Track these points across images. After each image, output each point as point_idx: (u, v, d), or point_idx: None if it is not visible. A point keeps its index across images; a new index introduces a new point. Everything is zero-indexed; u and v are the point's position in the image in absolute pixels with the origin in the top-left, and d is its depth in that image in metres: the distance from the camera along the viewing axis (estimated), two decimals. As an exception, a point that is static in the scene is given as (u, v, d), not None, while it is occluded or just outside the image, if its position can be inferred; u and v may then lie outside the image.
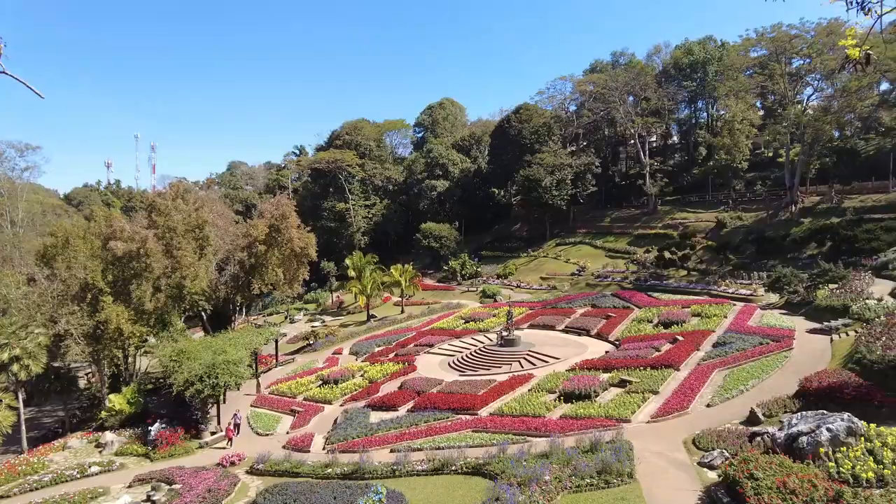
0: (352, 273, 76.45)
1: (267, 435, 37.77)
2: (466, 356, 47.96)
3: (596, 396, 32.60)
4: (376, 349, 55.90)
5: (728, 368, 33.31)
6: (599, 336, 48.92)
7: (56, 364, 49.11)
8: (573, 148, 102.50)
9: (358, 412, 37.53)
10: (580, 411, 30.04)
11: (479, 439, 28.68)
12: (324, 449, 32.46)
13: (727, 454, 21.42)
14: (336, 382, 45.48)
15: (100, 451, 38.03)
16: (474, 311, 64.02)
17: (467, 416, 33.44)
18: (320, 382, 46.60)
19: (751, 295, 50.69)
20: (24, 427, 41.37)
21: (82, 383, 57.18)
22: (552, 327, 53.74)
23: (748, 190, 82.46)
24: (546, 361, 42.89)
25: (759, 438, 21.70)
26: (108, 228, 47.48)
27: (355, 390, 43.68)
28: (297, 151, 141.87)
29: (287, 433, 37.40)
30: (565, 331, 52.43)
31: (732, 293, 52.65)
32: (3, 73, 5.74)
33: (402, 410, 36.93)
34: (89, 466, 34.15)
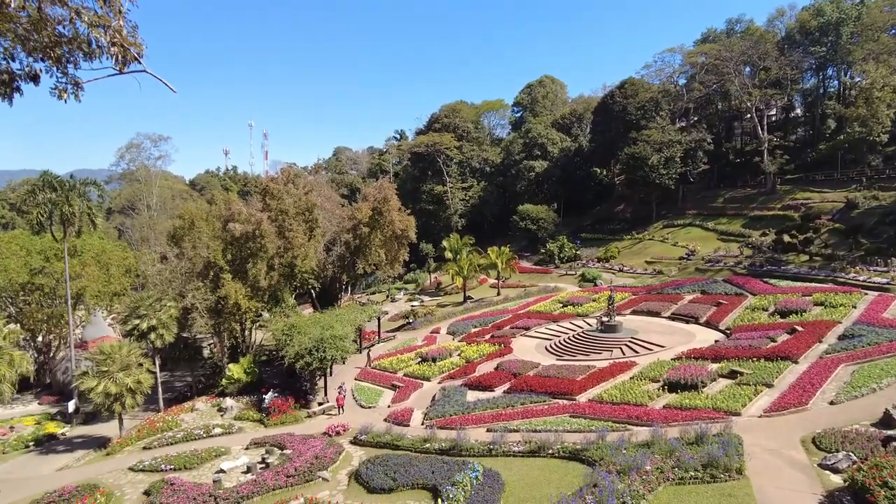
0: (449, 255, 77.68)
1: (369, 407, 39.70)
2: (564, 340, 47.39)
3: (703, 387, 31.06)
4: (473, 330, 56.63)
5: (857, 364, 30.35)
6: (709, 324, 46.35)
7: (185, 335, 54.56)
8: (682, 124, 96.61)
9: (455, 390, 38.43)
10: (685, 402, 28.80)
11: (576, 424, 28.41)
12: (422, 424, 33.62)
13: (854, 457, 19.65)
14: (434, 360, 46.73)
15: (221, 415, 41.89)
16: (573, 295, 62.90)
17: (565, 401, 33.19)
18: (419, 360, 48.09)
19: (888, 283, 45.64)
20: (160, 389, 46.47)
21: (206, 353, 63.11)
22: (657, 314, 51.62)
23: (888, 166, 73.66)
24: (649, 349, 41.39)
25: (895, 443, 19.76)
26: (227, 211, 51.56)
27: (452, 369, 44.68)
28: (398, 136, 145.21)
29: (388, 407, 39.09)
30: (671, 318, 50.16)
31: (864, 281, 47.67)
32: (144, 71, 6.40)
33: (499, 391, 37.32)
34: (213, 428, 37.79)
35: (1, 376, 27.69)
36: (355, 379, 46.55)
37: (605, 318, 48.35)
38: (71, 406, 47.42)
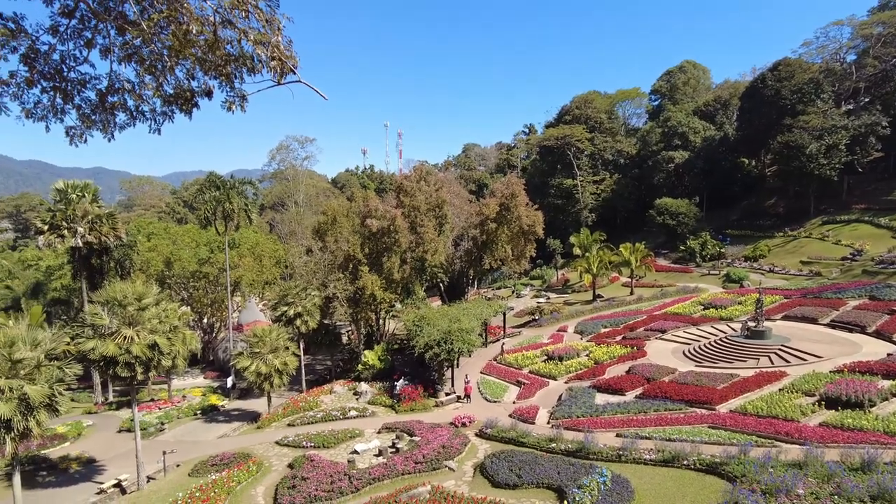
0: (577, 251, 75.73)
1: (494, 402, 39.98)
2: (704, 346, 44.18)
3: (871, 406, 27.34)
4: (602, 330, 54.77)
5: None
6: (879, 334, 40.69)
7: (326, 322, 58.66)
8: (850, 106, 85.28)
9: (583, 391, 37.45)
10: (848, 421, 25.53)
11: (715, 436, 26.39)
12: (548, 423, 33.19)
13: None
14: (561, 359, 45.89)
15: (356, 399, 44.49)
16: (715, 297, 58.40)
17: (703, 411, 30.98)
18: (545, 357, 47.50)
19: None
20: (303, 371, 50.50)
21: (344, 339, 67.44)
22: (813, 320, 46.34)
23: None
24: (803, 359, 37.27)
25: None
26: (365, 208, 54.53)
27: (580, 369, 43.58)
28: (527, 130, 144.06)
29: (513, 403, 39.09)
30: (831, 325, 44.76)
31: None
32: (299, 81, 6.92)
33: (630, 395, 35.76)
34: (349, 410, 40.28)
35: (177, 352, 31.65)
36: (481, 372, 47.09)
37: (751, 323, 44.32)
38: (229, 382, 53.18)
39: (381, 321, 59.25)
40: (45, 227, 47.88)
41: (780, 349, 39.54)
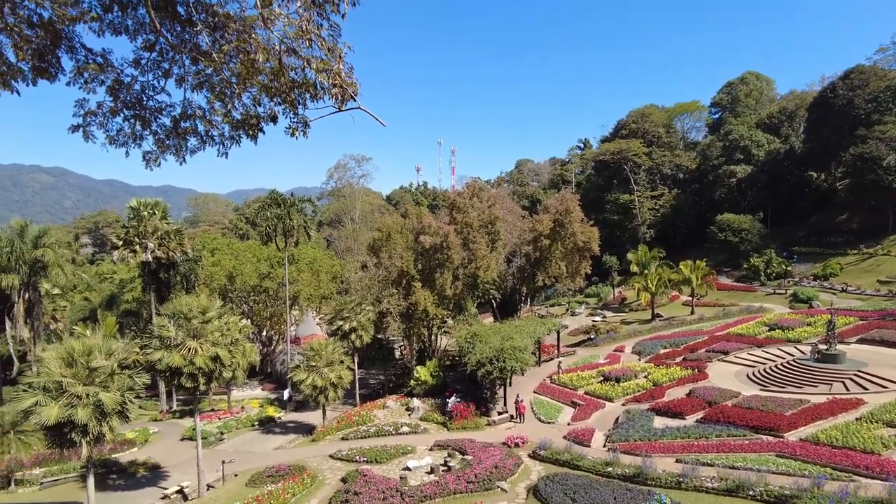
0: (635, 268, 73.90)
1: (548, 423, 39.24)
2: (770, 369, 42.01)
3: (961, 440, 25.25)
4: (661, 350, 53.01)
5: None
6: (969, 361, 37.64)
7: (379, 336, 59.42)
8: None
9: (640, 414, 36.26)
10: (935, 456, 23.66)
11: (784, 466, 24.96)
12: (604, 446, 32.28)
13: None
14: (617, 380, 44.67)
15: (409, 414, 44.65)
16: (782, 318, 55.58)
17: (770, 438, 29.38)
18: (601, 378, 46.35)
19: None
20: (357, 385, 51.16)
21: (397, 354, 67.98)
22: (893, 344, 43.35)
23: None
24: (883, 386, 34.83)
25: None
26: (419, 224, 55.16)
27: (638, 391, 42.26)
28: (581, 145, 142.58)
29: (568, 424, 38.25)
30: (913, 350, 41.74)
31: None
32: (359, 108, 7.14)
33: (690, 420, 34.35)
34: (401, 426, 40.44)
35: (237, 364, 32.76)
36: (534, 392, 46.39)
37: (822, 346, 41.85)
38: (286, 394, 54.49)
39: (433, 337, 59.45)
40: (120, 243, 50.82)
41: (855, 374, 37.12)
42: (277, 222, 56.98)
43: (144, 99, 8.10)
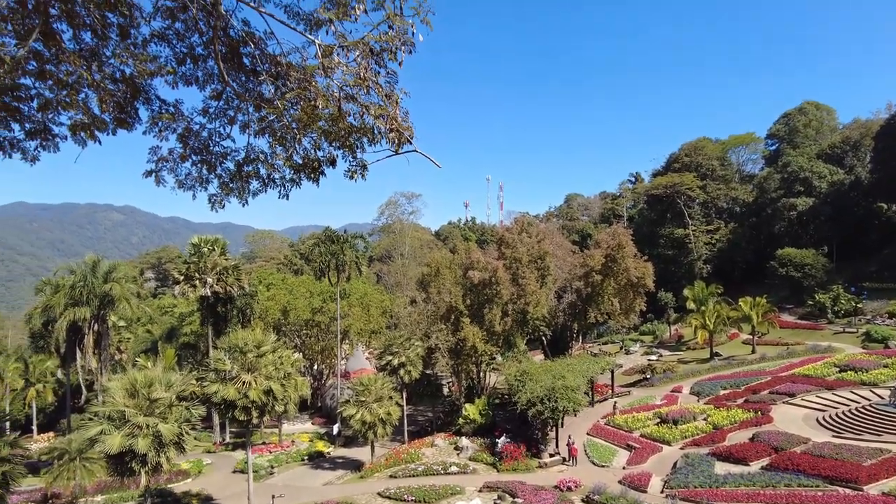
0: (691, 305, 71.45)
1: (602, 466, 37.80)
2: (843, 414, 39.30)
3: None
4: (721, 392, 50.57)
5: None
6: None
7: (428, 372, 59.17)
8: None
9: (700, 459, 34.46)
10: None
11: (864, 522, 23.10)
12: (661, 492, 30.80)
13: None
14: (675, 423, 42.73)
15: (457, 453, 43.90)
16: (853, 358, 52.20)
17: (847, 490, 27.32)
18: (658, 420, 44.46)
19: None
20: (405, 421, 50.81)
21: (445, 391, 67.37)
22: (982, 389, 39.91)
23: None
24: (973, 435, 32.03)
25: None
26: (467, 260, 55.25)
27: (697, 434, 40.27)
28: (633, 179, 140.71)
29: (623, 468, 36.74)
30: None
31: None
32: (415, 150, 7.33)
33: (755, 466, 32.38)
34: (450, 466, 39.79)
35: (289, 398, 33.23)
36: (587, 434, 44.90)
37: (902, 391, 38.97)
38: (335, 429, 54.67)
39: (481, 374, 58.71)
40: (181, 278, 53.06)
41: (941, 422, 34.30)
42: (331, 258, 58.31)
43: (211, 145, 8.57)
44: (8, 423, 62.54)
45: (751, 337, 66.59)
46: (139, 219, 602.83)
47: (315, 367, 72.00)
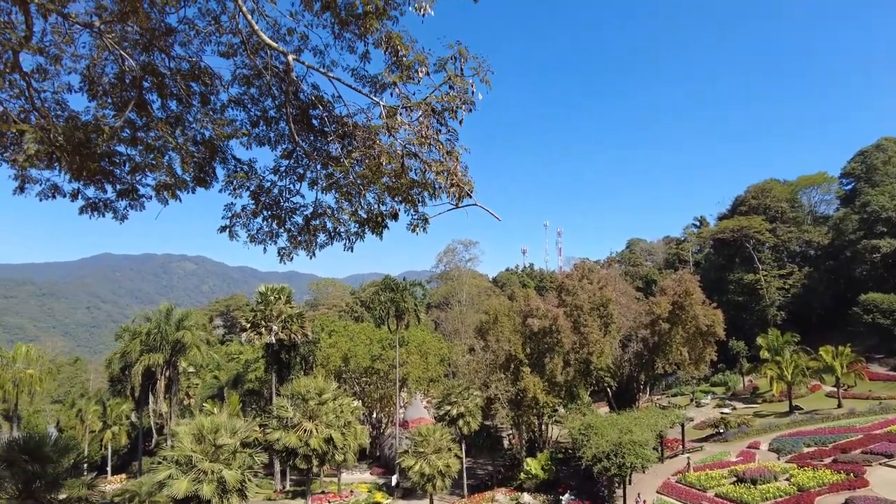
0: (765, 354, 67.31)
1: (676, 528, 35.40)
2: (949, 477, 35.43)
3: None
4: (805, 449, 46.77)
5: None
6: None
7: (487, 423, 57.84)
8: None
9: (786, 525, 31.69)
10: None
11: None
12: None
13: None
14: (754, 482, 39.64)
15: (520, 510, 42.29)
16: (957, 415, 47.38)
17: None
18: (734, 479, 41.41)
19: None
20: (465, 474, 49.57)
21: (505, 443, 65.45)
22: None
23: None
24: None
25: None
26: (526, 307, 54.53)
27: (779, 496, 37.15)
28: (697, 223, 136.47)
29: (698, 531, 34.24)
30: None
31: None
32: (475, 204, 7.48)
33: (850, 535, 29.43)
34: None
35: (348, 446, 33.33)
36: (657, 492, 42.31)
37: None
38: (394, 480, 53.92)
39: (543, 426, 56.86)
40: (248, 326, 54.90)
41: None
42: (390, 306, 59.03)
43: (281, 201, 9.08)
44: (86, 464, 65.43)
45: (835, 389, 61.71)
46: (210, 268, 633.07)
47: (374, 415, 71.92)
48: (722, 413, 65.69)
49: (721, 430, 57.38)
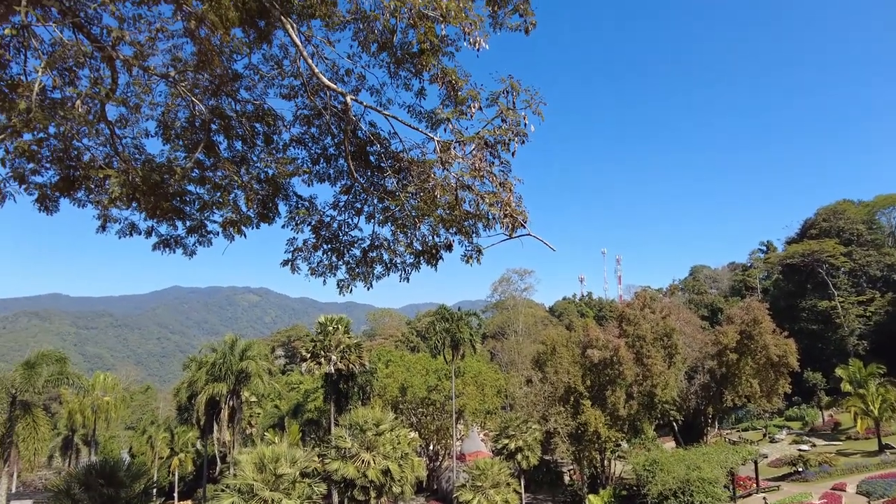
0: (847, 387, 62.85)
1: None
2: None
3: None
4: (899, 492, 42.93)
5: None
6: None
7: (546, 458, 56.27)
8: None
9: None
10: None
11: None
12: None
13: None
14: (841, 528, 36.70)
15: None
16: None
17: None
18: (818, 523, 38.47)
19: None
20: (525, 511, 48.20)
21: (566, 479, 63.33)
22: None
23: None
24: None
25: None
26: (585, 337, 53.25)
27: (871, 544, 34.15)
28: (764, 248, 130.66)
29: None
30: None
31: None
32: (529, 234, 7.48)
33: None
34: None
35: (406, 479, 33.10)
36: (731, 534, 39.77)
37: None
38: (453, 514, 52.97)
39: (605, 462, 54.75)
40: (308, 356, 56.04)
41: None
42: (446, 336, 59.03)
43: (340, 234, 9.38)
44: (155, 489, 67.79)
45: (930, 427, 56.71)
46: (272, 300, 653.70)
47: (431, 447, 71.31)
48: (800, 450, 61.36)
49: (800, 469, 53.51)
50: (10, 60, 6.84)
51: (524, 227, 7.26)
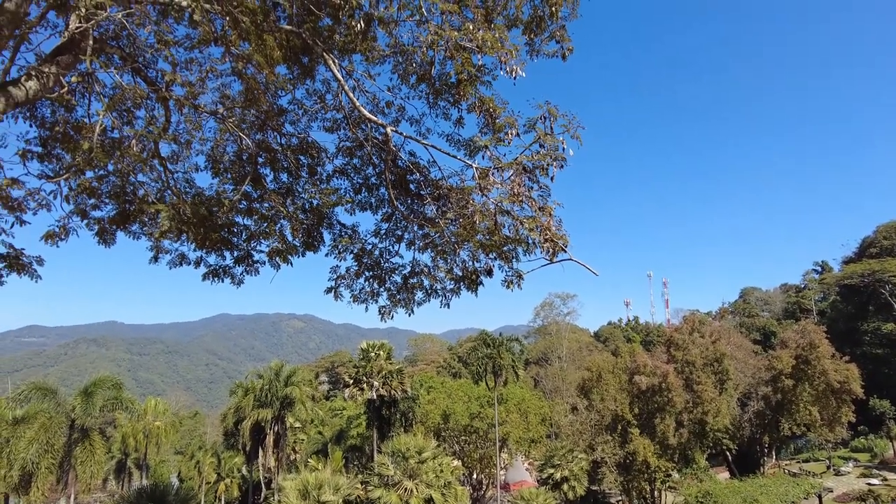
0: (920, 416, 58.96)
1: None
2: None
3: None
4: (981, 531, 39.69)
5: None
6: None
7: (594, 488, 54.54)
8: None
9: None
10: None
11: None
12: None
13: None
14: (918, 569, 34.05)
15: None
16: None
17: None
18: (892, 564, 35.82)
19: None
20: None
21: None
22: None
23: None
24: None
25: None
26: (632, 363, 51.84)
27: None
28: (819, 268, 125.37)
29: None
30: None
31: None
32: (570, 259, 7.41)
33: None
34: None
35: (449, 508, 32.55)
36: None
37: None
38: (497, 545, 51.72)
39: (656, 493, 52.62)
40: (351, 382, 56.35)
41: None
42: (488, 362, 58.43)
43: (382, 261, 9.51)
44: (202, 515, 68.60)
45: None
46: (316, 326, 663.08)
47: (474, 475, 70.10)
48: (870, 484, 57.54)
49: (869, 505, 50.17)
50: (75, 105, 7.31)
51: (565, 252, 7.20)
